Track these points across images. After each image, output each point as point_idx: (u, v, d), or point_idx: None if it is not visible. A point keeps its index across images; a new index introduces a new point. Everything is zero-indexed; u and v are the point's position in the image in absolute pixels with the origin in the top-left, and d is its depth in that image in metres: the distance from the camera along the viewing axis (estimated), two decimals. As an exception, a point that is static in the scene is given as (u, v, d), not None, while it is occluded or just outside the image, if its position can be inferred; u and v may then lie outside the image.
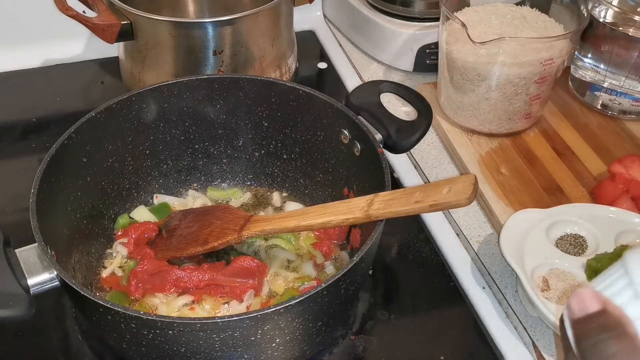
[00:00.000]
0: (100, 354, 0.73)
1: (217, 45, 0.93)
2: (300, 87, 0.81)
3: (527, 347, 0.75)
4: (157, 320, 0.58)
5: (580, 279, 0.74)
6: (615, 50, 0.96)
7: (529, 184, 0.90)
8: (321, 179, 0.85)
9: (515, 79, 0.91)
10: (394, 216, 0.65)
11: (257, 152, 0.88)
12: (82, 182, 0.76)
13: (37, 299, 0.63)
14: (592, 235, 0.79)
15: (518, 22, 0.94)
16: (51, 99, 1.07)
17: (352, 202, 0.68)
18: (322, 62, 1.18)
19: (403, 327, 0.77)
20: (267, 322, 0.60)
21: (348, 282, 0.64)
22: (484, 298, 0.79)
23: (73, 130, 0.74)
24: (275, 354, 0.65)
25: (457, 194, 0.62)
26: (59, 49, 1.14)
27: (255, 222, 0.74)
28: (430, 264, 0.84)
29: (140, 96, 0.80)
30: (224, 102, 0.84)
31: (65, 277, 0.61)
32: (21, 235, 0.66)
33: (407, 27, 1.11)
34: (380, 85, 0.84)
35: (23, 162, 0.97)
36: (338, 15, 1.25)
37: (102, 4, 0.93)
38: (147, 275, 0.75)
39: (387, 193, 0.67)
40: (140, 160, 0.84)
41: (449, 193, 0.62)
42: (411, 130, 0.79)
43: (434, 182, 0.70)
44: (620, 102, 1.00)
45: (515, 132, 0.98)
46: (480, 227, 0.88)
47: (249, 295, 0.74)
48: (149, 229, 0.81)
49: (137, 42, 0.94)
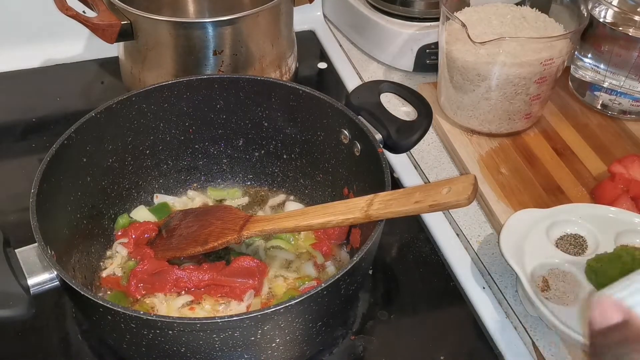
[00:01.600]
0: (100, 354, 0.73)
1: (217, 45, 0.93)
2: (300, 87, 0.81)
3: (527, 347, 0.75)
4: (157, 320, 0.58)
5: (580, 279, 0.74)
6: (615, 50, 0.96)
7: (529, 184, 0.90)
8: (321, 179, 0.85)
9: (515, 79, 0.91)
10: (394, 216, 0.65)
11: (257, 152, 0.88)
12: (82, 182, 0.76)
13: (36, 299, 0.63)
14: (592, 235, 0.79)
15: (518, 22, 0.94)
16: (51, 99, 1.07)
17: (352, 202, 0.68)
18: (322, 62, 1.18)
19: (403, 327, 0.77)
20: (267, 322, 0.60)
21: (348, 282, 0.64)
22: (484, 298, 0.79)
23: (73, 130, 0.74)
24: (275, 354, 0.65)
25: (456, 194, 0.62)
26: (59, 49, 1.14)
27: (255, 222, 0.74)
28: (430, 264, 0.84)
29: (140, 96, 0.80)
30: (224, 102, 0.84)
31: (65, 277, 0.61)
32: (21, 235, 0.66)
33: (407, 27, 1.11)
34: (380, 85, 0.84)
35: (23, 162, 0.97)
36: (338, 15, 1.25)
37: (102, 4, 0.93)
38: (147, 275, 0.75)
39: (386, 193, 0.67)
40: (140, 160, 0.84)
41: (449, 193, 0.62)
42: (411, 130, 0.79)
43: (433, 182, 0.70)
44: (620, 102, 1.00)
45: (515, 132, 0.98)
46: (480, 227, 0.88)
47: (249, 295, 0.74)
48: (149, 229, 0.81)
49: (137, 42, 0.94)
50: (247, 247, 0.81)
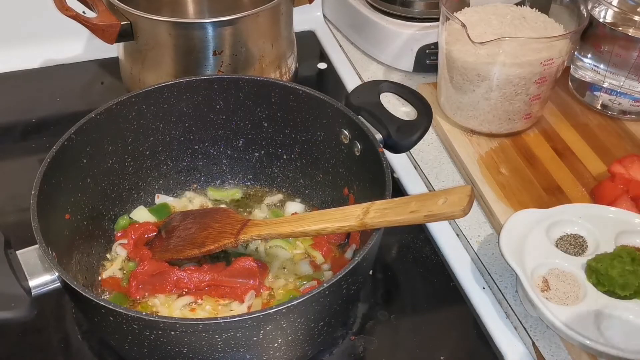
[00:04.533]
0: (100, 354, 0.73)
1: (217, 45, 0.93)
2: (300, 87, 0.81)
3: (527, 347, 0.75)
4: (160, 321, 0.58)
5: (580, 279, 0.75)
6: (615, 50, 0.96)
7: (529, 184, 0.90)
8: (321, 179, 0.85)
9: (515, 79, 0.91)
10: (389, 225, 0.65)
11: (257, 153, 0.88)
12: (82, 183, 0.76)
13: (37, 300, 0.63)
14: (592, 235, 0.79)
15: (518, 22, 0.94)
16: (51, 100, 1.07)
17: (348, 210, 0.68)
18: (322, 62, 1.18)
19: (403, 327, 0.77)
20: (269, 322, 0.60)
21: (349, 282, 0.64)
22: (483, 298, 0.79)
23: (73, 131, 0.74)
24: (277, 354, 0.65)
25: (452, 206, 0.62)
26: (59, 49, 1.14)
27: (252, 226, 0.74)
28: (430, 264, 0.84)
29: (140, 97, 0.80)
30: (223, 103, 0.84)
31: (67, 278, 0.61)
32: (21, 237, 0.66)
33: (407, 27, 1.11)
34: (380, 85, 0.84)
35: (23, 163, 0.97)
36: (338, 16, 1.25)
37: (102, 4, 0.93)
38: (147, 276, 0.75)
39: (383, 202, 0.67)
40: (140, 161, 0.84)
41: (445, 204, 0.62)
42: (411, 130, 0.79)
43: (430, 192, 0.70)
44: (620, 102, 1.00)
45: (515, 132, 0.98)
46: (480, 227, 0.88)
47: (250, 295, 0.74)
48: (149, 229, 0.81)
49: (137, 42, 0.94)
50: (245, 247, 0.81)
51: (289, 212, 0.86)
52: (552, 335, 0.75)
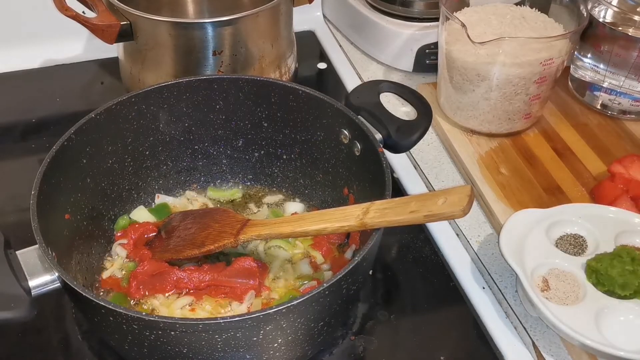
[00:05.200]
0: (100, 354, 0.73)
1: (217, 45, 0.93)
2: (300, 87, 0.81)
3: (527, 347, 0.75)
4: (160, 321, 0.58)
5: (580, 279, 0.75)
6: (615, 50, 0.96)
7: (529, 184, 0.90)
8: (321, 179, 0.85)
9: (515, 79, 0.91)
10: (389, 225, 0.65)
11: (257, 153, 0.88)
12: (82, 183, 0.76)
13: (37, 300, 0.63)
14: (592, 235, 0.79)
15: (518, 22, 0.94)
16: (51, 100, 1.07)
17: (348, 210, 0.68)
18: (322, 62, 1.18)
19: (403, 327, 0.77)
20: (270, 322, 0.60)
21: (349, 282, 0.64)
22: (483, 298, 0.79)
23: (73, 131, 0.74)
24: (277, 354, 0.65)
25: (452, 206, 0.62)
26: (59, 49, 1.14)
27: (252, 226, 0.74)
28: (430, 264, 0.84)
29: (139, 97, 0.80)
30: (223, 103, 0.84)
31: (67, 278, 0.61)
32: (21, 236, 0.66)
33: (407, 27, 1.11)
34: (380, 85, 0.84)
35: (23, 163, 0.97)
36: (338, 16, 1.25)
37: (102, 4, 0.93)
38: (147, 276, 0.75)
39: (383, 202, 0.67)
40: (140, 161, 0.84)
41: (444, 204, 0.62)
42: (411, 130, 0.79)
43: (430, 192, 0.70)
44: (620, 102, 1.00)
45: (515, 132, 0.98)
46: (480, 227, 0.88)
47: (250, 295, 0.74)
48: (149, 229, 0.81)
49: (137, 42, 0.94)
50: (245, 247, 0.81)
51: (289, 212, 0.86)
52: (552, 335, 0.75)
